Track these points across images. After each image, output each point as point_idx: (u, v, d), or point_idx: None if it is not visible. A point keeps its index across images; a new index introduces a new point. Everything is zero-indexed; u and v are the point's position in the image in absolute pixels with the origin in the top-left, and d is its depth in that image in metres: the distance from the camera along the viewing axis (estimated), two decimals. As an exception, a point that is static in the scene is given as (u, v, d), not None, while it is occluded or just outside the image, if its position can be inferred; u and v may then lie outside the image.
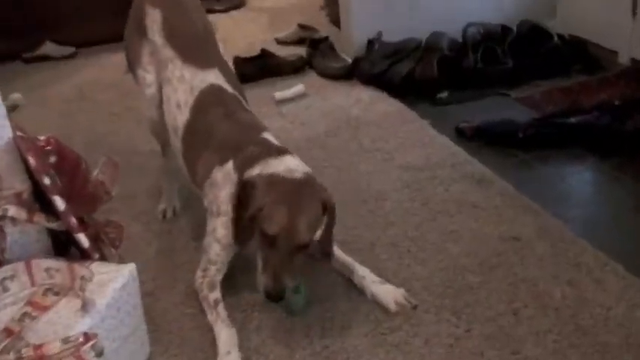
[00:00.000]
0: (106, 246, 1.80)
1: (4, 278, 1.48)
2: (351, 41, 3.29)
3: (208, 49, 1.98)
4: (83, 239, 1.57)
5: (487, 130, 2.56)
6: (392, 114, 2.79)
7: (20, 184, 1.59)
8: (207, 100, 1.88)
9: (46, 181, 1.50)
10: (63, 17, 3.82)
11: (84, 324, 1.38)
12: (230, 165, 1.74)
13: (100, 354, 1.30)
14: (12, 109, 3.21)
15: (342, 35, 3.42)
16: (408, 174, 2.34)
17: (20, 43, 3.85)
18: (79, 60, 3.85)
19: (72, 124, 3.03)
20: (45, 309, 1.43)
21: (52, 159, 1.84)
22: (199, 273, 1.80)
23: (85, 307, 1.41)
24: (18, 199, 1.60)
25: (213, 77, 1.89)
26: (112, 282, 1.50)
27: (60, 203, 1.52)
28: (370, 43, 3.17)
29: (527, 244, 1.92)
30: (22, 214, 1.58)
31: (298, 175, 1.64)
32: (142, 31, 2.03)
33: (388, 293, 1.74)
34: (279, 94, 3.02)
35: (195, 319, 1.77)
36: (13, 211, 1.57)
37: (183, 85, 1.91)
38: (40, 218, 1.59)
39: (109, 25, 3.30)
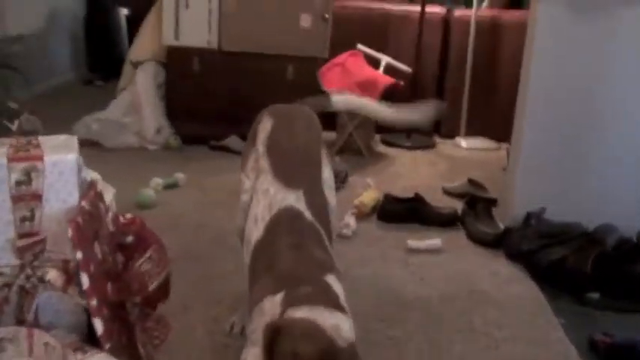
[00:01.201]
0: (139, 341, 1.73)
1: (4, 338, 1.45)
2: (509, 209, 3.04)
3: (303, 170, 1.88)
4: (98, 325, 1.52)
5: (626, 351, 2.13)
6: (523, 300, 2.46)
7: (71, 253, 1.60)
8: (280, 223, 1.77)
9: (79, 255, 1.48)
10: (253, 114, 4.02)
11: (45, 413, 1.30)
12: (280, 297, 1.59)
13: None
14: (171, 186, 3.40)
15: (502, 201, 3.18)
16: (503, 372, 2.01)
17: (211, 131, 4.12)
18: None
19: (212, 214, 3.10)
20: (25, 383, 1.38)
21: (129, 239, 1.85)
22: None
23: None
24: (64, 265, 1.60)
25: (294, 199, 1.78)
26: (101, 379, 1.42)
27: (85, 280, 1.49)
28: (529, 216, 2.89)
29: None
30: (58, 282, 1.58)
31: (341, 341, 1.43)
32: (254, 138, 2.02)
33: None
34: (412, 243, 2.83)
35: None
36: (51, 275, 1.58)
37: (265, 200, 1.83)
38: (73, 291, 1.57)
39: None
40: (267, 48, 4.10)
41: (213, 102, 4.16)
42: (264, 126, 1.96)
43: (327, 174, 2.03)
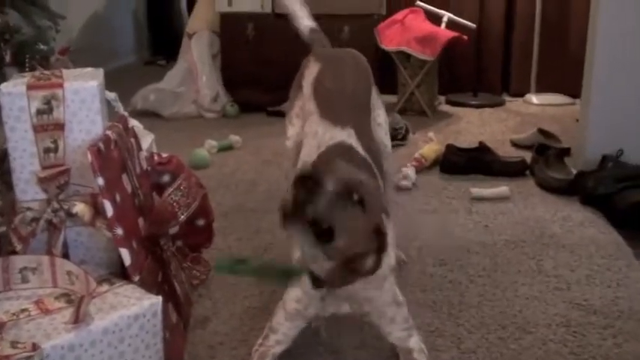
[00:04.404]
0: (175, 278, 1.65)
1: (26, 268, 1.39)
2: (582, 153, 2.81)
3: (351, 110, 1.75)
4: (125, 255, 1.43)
5: None
6: (599, 242, 2.25)
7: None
8: (330, 155, 1.64)
9: (100, 181, 1.39)
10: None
11: (64, 339, 1.22)
12: None
13: (35, 372, 1.11)
14: (228, 148, 3.34)
15: (575, 145, 2.95)
16: (575, 313, 1.81)
17: (268, 97, 4.03)
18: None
19: (265, 173, 3.01)
20: (47, 312, 1.31)
21: (166, 178, 1.78)
22: (259, 341, 1.55)
23: (75, 320, 1.25)
24: (92, 199, 1.53)
25: (345, 135, 1.65)
26: (124, 308, 1.33)
27: (108, 208, 1.41)
28: (605, 159, 2.66)
29: None
30: (86, 215, 1.50)
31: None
32: (299, 84, 1.90)
33: None
34: (475, 191, 2.65)
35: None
36: (79, 208, 1.50)
37: (314, 141, 1.71)
38: (101, 224, 1.50)
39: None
40: (322, 7, 3.96)
41: (269, 67, 4.06)
42: (311, 70, 1.84)
43: (381, 118, 1.89)
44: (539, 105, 4.32)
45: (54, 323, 1.26)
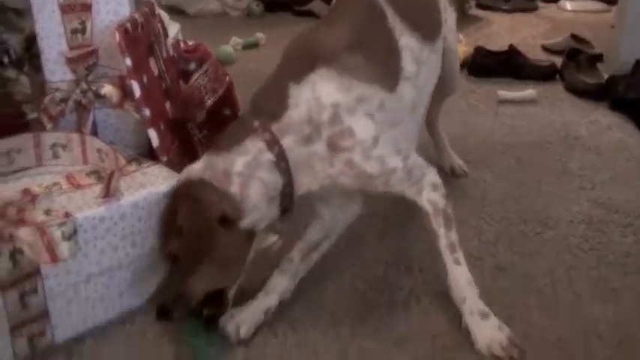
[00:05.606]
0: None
1: (56, 144, 1.42)
2: (616, 57, 2.74)
3: None
4: (153, 135, 1.45)
5: None
6: (625, 145, 2.23)
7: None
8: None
9: (128, 62, 1.39)
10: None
11: (95, 211, 1.26)
12: None
13: (69, 237, 1.15)
14: (253, 45, 3.31)
15: (609, 50, 2.87)
16: (597, 210, 1.82)
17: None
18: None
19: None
20: (78, 187, 1.34)
21: (192, 66, 1.77)
22: None
23: (105, 194, 1.28)
24: (120, 82, 1.54)
25: None
26: (153, 186, 1.36)
27: (136, 88, 1.41)
28: (638, 64, 2.59)
29: None
30: (114, 97, 1.51)
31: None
32: None
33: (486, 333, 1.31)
34: (502, 93, 2.62)
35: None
36: (107, 89, 1.51)
37: None
38: (129, 106, 1.51)
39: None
40: None
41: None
42: None
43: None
44: (573, 11, 4.19)
45: (85, 197, 1.30)
